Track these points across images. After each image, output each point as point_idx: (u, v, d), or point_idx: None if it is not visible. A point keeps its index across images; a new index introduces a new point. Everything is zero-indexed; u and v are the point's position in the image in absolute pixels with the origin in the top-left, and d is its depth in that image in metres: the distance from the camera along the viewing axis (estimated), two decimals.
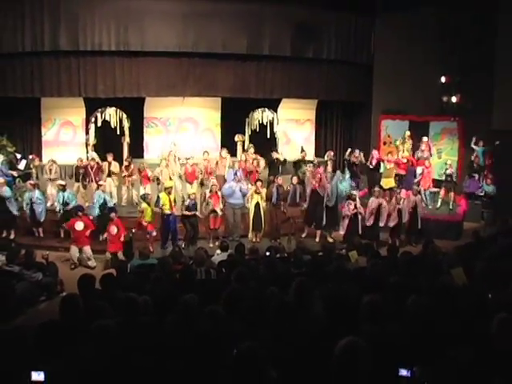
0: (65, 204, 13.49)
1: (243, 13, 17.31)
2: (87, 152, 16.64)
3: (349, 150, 16.91)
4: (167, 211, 12.90)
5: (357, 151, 16.59)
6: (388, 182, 15.53)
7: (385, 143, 18.69)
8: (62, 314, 5.09)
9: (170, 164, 15.30)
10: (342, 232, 13.50)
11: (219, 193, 13.51)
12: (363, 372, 3.61)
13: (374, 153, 16.63)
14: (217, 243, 12.78)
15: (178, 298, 5.38)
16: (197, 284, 7.40)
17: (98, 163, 15.13)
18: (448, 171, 15.79)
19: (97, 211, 13.37)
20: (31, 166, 16.03)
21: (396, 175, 16.01)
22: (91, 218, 13.15)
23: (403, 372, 3.93)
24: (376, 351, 3.98)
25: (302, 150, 16.69)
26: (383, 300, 5.07)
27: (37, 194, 13.65)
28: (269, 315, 4.89)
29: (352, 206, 13.23)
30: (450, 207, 15.61)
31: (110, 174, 15.18)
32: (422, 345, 4.38)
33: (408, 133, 17.19)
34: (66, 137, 19.13)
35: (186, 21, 16.99)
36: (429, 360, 4.07)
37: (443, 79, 16.48)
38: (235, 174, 13.97)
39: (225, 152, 16.02)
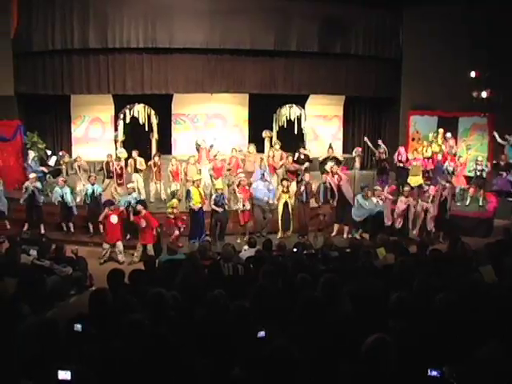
0: (92, 196, 13.59)
1: (271, 9, 17.29)
2: (116, 148, 16.77)
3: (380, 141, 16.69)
4: (198, 205, 12.94)
5: (382, 147, 16.33)
6: (416, 180, 15.32)
7: (413, 139, 18.48)
8: (91, 308, 5.14)
9: (201, 159, 15.33)
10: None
11: (247, 187, 13.51)
12: (391, 369, 3.59)
13: (401, 150, 16.41)
14: (244, 239, 12.80)
15: (206, 293, 5.40)
16: (224, 279, 7.42)
17: (121, 166, 15.15)
18: (478, 168, 15.54)
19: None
20: (61, 162, 16.23)
21: (425, 172, 15.77)
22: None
23: (432, 372, 3.83)
24: (404, 349, 3.95)
25: (330, 147, 16.58)
26: (411, 297, 5.02)
27: (67, 190, 13.77)
28: (297, 311, 4.88)
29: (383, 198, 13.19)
30: (480, 204, 15.37)
31: (136, 170, 15.25)
32: (451, 344, 4.32)
33: (441, 130, 16.91)
34: (95, 133, 19.39)
35: (214, 17, 17.05)
36: (458, 359, 4.00)
37: (473, 74, 16.23)
38: (263, 174, 13.94)
39: (252, 148, 16.01)
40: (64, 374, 3.71)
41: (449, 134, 16.47)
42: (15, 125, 16.79)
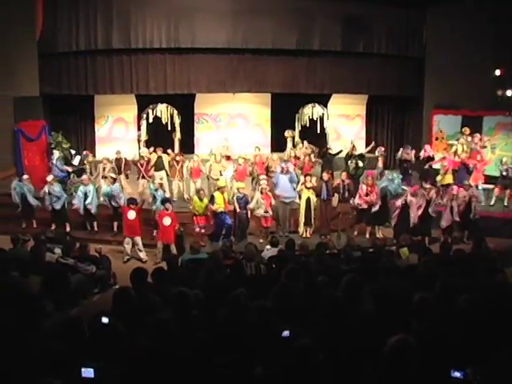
0: (112, 196, 13.66)
1: (293, 8, 17.28)
2: (139, 148, 16.90)
3: (401, 149, 16.54)
4: (221, 209, 12.97)
5: (409, 148, 16.25)
6: (446, 179, 15.14)
7: (437, 138, 18.31)
8: (114, 306, 5.18)
9: (222, 159, 15.40)
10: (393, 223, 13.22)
11: (269, 193, 13.49)
12: (413, 370, 3.57)
13: (427, 147, 16.24)
14: (267, 239, 12.79)
15: (228, 292, 5.41)
16: (247, 279, 7.43)
17: (148, 159, 15.20)
18: (503, 168, 15.32)
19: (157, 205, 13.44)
20: (85, 161, 16.37)
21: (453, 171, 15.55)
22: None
23: (455, 373, 3.77)
24: (427, 350, 3.91)
25: (353, 146, 16.48)
26: (435, 298, 4.98)
27: (91, 188, 13.86)
28: (319, 311, 4.87)
29: (399, 203, 13.03)
30: (505, 204, 15.16)
31: (160, 168, 15.30)
32: (475, 345, 4.28)
33: (467, 129, 16.70)
34: (118, 133, 19.56)
35: (236, 17, 17.11)
36: (483, 361, 3.96)
37: (497, 72, 16.06)
38: (282, 168, 13.89)
39: (276, 156, 15.87)
40: (87, 372, 3.75)
41: (477, 135, 16.22)
42: (40, 125, 17.02)
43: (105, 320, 4.53)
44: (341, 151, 15.86)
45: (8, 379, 3.80)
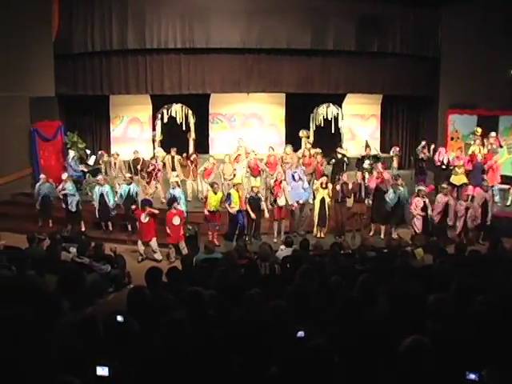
0: (129, 197, 13.71)
1: (307, 8, 17.25)
2: (154, 148, 16.96)
3: (423, 142, 16.37)
4: (236, 207, 12.97)
5: (426, 147, 16.11)
6: (459, 179, 15.05)
7: (452, 138, 18.20)
8: (129, 305, 5.20)
9: (240, 159, 15.43)
10: (417, 231, 13.09)
11: (284, 183, 13.48)
12: (428, 372, 3.55)
13: (442, 150, 16.12)
14: (281, 238, 12.78)
15: (243, 292, 5.41)
16: (261, 279, 7.43)
17: (155, 164, 15.21)
18: None
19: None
20: (100, 161, 16.47)
21: (467, 171, 15.43)
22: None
23: (471, 375, 3.75)
24: (442, 352, 3.89)
25: (367, 146, 16.46)
26: (450, 299, 4.95)
27: (107, 189, 13.93)
28: (334, 311, 4.86)
29: (421, 204, 12.91)
30: None
31: (174, 168, 15.37)
32: (491, 347, 4.24)
33: (479, 129, 16.59)
34: (133, 133, 19.65)
35: (251, 17, 17.12)
36: (499, 363, 3.92)
37: None
38: (293, 176, 13.89)
39: (289, 149, 15.96)
40: (102, 370, 3.77)
41: (493, 133, 16.08)
42: (56, 125, 17.17)
43: (120, 319, 4.56)
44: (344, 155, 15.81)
45: (25, 377, 3.83)
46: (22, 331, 4.47)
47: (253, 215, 13.09)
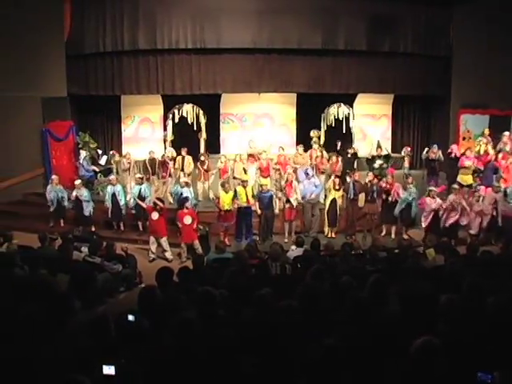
0: (141, 197, 13.72)
1: (318, 8, 17.22)
2: (165, 148, 16.99)
3: (426, 148, 16.33)
4: (243, 204, 13.00)
5: (435, 147, 16.04)
6: (466, 179, 14.98)
7: (464, 138, 18.10)
8: (140, 305, 5.22)
9: (252, 160, 15.44)
10: (423, 225, 13.06)
11: (295, 182, 13.48)
12: (439, 372, 3.53)
13: (454, 147, 16.02)
14: (292, 239, 12.76)
15: (254, 292, 5.42)
16: (272, 279, 7.43)
17: (165, 160, 15.34)
18: None
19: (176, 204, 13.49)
20: (112, 161, 16.53)
21: (475, 171, 15.35)
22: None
23: (483, 377, 3.72)
24: (453, 353, 3.87)
25: (379, 146, 16.40)
26: (461, 300, 4.93)
27: (119, 188, 13.96)
28: (344, 312, 4.85)
29: (433, 205, 12.86)
30: None
31: (183, 168, 15.41)
32: (503, 348, 4.22)
33: (487, 130, 16.49)
34: (144, 133, 19.73)
35: (261, 17, 17.11)
36: (510, 365, 3.90)
37: None
38: (306, 173, 13.88)
39: (301, 149, 15.95)
40: (108, 369, 3.77)
41: (506, 133, 15.96)
42: (68, 125, 17.24)
43: (131, 318, 4.58)
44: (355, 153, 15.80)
45: (37, 376, 3.85)
46: (35, 330, 4.50)
47: (259, 212, 13.13)
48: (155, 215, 12.61)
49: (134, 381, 3.80)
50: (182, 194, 13.30)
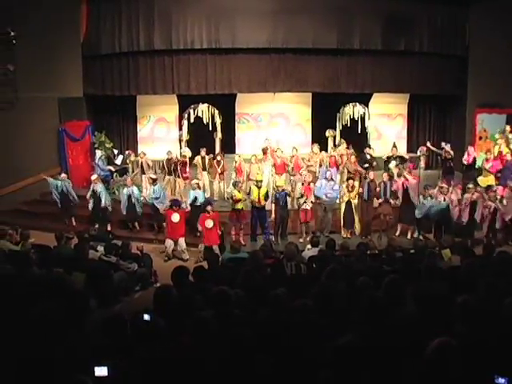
0: (155, 198, 13.73)
1: (333, 7, 17.16)
2: (180, 148, 17.04)
3: (442, 143, 16.19)
4: (255, 204, 13.01)
5: (447, 146, 15.84)
6: (486, 180, 14.81)
7: (480, 138, 17.92)
8: (155, 304, 5.23)
9: (266, 158, 15.46)
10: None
11: (311, 185, 13.47)
12: (455, 374, 3.51)
13: (470, 150, 15.85)
14: (308, 238, 12.75)
15: (269, 292, 5.41)
16: (287, 278, 7.42)
17: (183, 159, 15.40)
18: None
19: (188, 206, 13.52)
20: (127, 161, 16.60)
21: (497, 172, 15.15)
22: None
23: (500, 380, 3.66)
24: (470, 354, 3.84)
25: (394, 146, 16.33)
26: (478, 301, 4.89)
27: (134, 189, 14.03)
28: (360, 312, 4.83)
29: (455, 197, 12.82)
30: None
31: (204, 168, 15.44)
32: None
33: (508, 127, 16.33)
34: (160, 133, 19.81)
35: (276, 17, 17.08)
36: None
37: None
38: (325, 177, 13.86)
39: (316, 148, 15.93)
40: (100, 371, 3.74)
41: None
42: (84, 125, 17.37)
43: (146, 317, 4.59)
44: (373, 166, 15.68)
45: (53, 375, 3.86)
46: (50, 329, 4.52)
47: (273, 213, 13.15)
48: (176, 217, 12.61)
49: (132, 381, 3.80)
50: (196, 197, 13.32)
